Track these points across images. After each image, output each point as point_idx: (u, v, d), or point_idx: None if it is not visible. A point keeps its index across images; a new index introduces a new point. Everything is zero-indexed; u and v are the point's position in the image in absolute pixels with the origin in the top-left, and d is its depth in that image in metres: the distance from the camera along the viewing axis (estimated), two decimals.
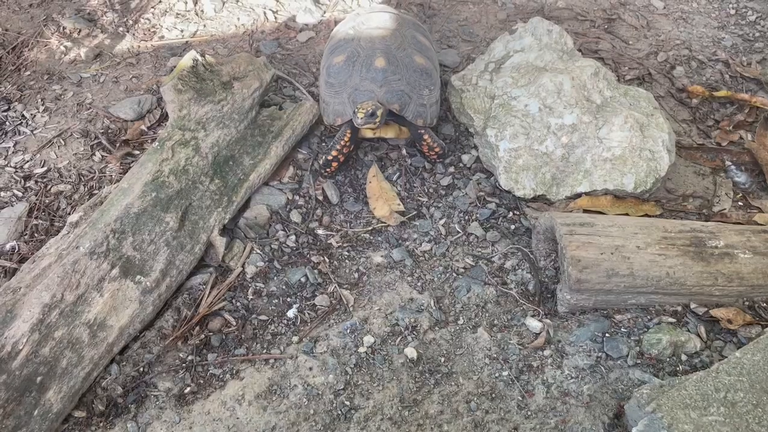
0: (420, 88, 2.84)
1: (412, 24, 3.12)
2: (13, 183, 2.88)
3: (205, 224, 2.58)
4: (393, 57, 2.84)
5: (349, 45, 2.94)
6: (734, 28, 3.77)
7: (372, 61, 2.83)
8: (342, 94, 2.84)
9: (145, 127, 3.10)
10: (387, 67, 2.80)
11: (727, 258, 2.35)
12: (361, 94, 2.78)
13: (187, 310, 2.43)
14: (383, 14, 3.10)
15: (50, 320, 2.17)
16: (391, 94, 2.77)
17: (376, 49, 2.86)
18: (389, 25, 3.01)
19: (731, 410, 1.87)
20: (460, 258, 2.63)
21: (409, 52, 2.89)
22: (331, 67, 2.91)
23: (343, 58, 2.89)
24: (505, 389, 2.22)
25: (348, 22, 3.14)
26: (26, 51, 3.52)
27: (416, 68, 2.86)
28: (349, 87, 2.83)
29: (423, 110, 2.83)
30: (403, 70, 2.83)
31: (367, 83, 2.80)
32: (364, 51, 2.87)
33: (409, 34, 3.00)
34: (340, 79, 2.86)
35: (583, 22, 3.79)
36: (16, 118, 3.18)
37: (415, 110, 2.81)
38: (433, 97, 2.88)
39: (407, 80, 2.81)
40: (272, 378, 2.24)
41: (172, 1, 3.84)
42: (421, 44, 2.98)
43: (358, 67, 2.84)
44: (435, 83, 2.92)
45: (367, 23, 3.04)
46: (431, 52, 3.03)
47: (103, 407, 2.17)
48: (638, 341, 2.31)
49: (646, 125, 2.79)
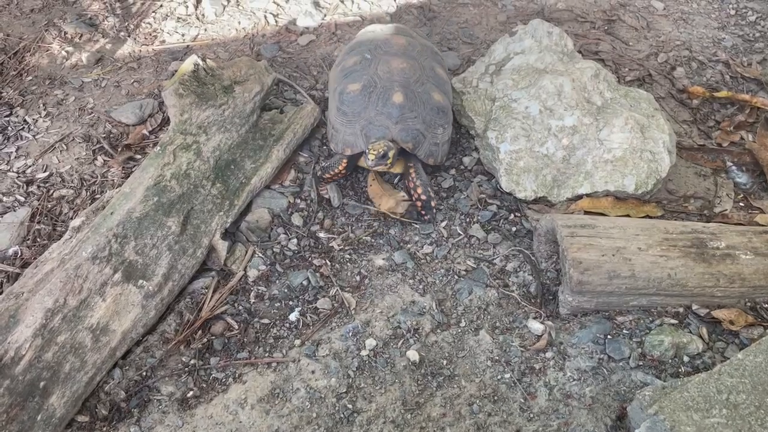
0: (435, 126, 2.75)
1: (431, 53, 3.00)
2: (16, 188, 2.89)
3: (207, 228, 2.59)
4: (411, 92, 2.74)
5: (365, 71, 2.82)
6: (734, 29, 3.77)
7: (390, 95, 2.72)
8: (355, 125, 2.75)
9: (147, 131, 3.11)
10: (405, 103, 2.71)
11: (729, 259, 2.35)
12: (375, 129, 2.70)
13: (189, 314, 2.44)
14: (402, 38, 2.96)
15: (53, 325, 2.18)
16: (406, 133, 2.69)
17: (395, 82, 2.75)
18: (409, 52, 2.90)
19: (733, 412, 1.87)
20: (462, 260, 2.63)
21: (427, 87, 2.79)
22: (345, 94, 2.80)
23: (358, 87, 2.78)
24: (508, 391, 2.22)
25: (363, 43, 3.00)
26: (28, 56, 3.53)
27: (433, 106, 2.76)
28: (363, 119, 2.73)
29: (435, 149, 2.77)
30: (420, 107, 2.73)
31: (383, 118, 2.71)
32: (382, 82, 2.77)
33: (428, 65, 2.89)
34: (354, 108, 2.76)
35: (583, 24, 3.79)
36: (18, 123, 3.19)
37: (428, 149, 2.74)
38: (446, 135, 2.82)
39: (423, 118, 2.73)
40: (275, 381, 2.24)
41: (173, 6, 3.86)
42: (440, 78, 2.88)
43: (374, 99, 2.74)
44: (449, 121, 2.84)
45: (385, 47, 2.91)
46: (448, 85, 2.94)
47: (107, 412, 2.18)
48: (640, 343, 2.31)
49: (646, 126, 2.79)
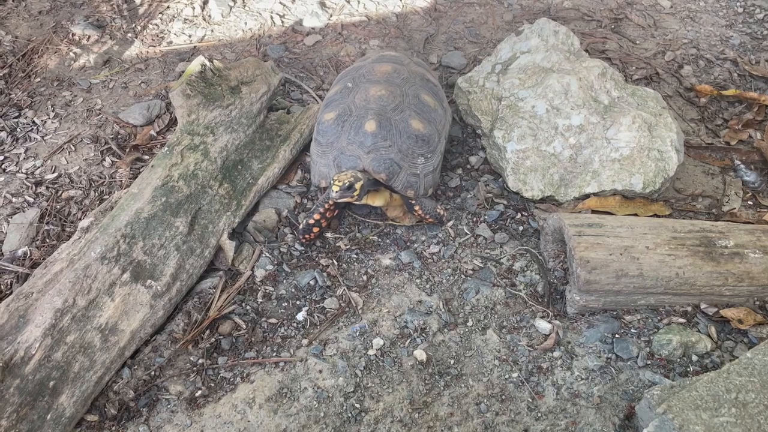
0: (413, 156, 2.60)
1: (419, 79, 2.83)
2: (25, 189, 2.91)
3: (215, 228, 2.60)
4: (386, 120, 2.60)
5: (343, 100, 2.72)
6: (742, 27, 3.76)
7: (362, 123, 2.59)
8: (328, 155, 2.64)
9: (155, 132, 3.13)
10: (377, 131, 2.57)
11: (737, 258, 2.34)
12: (346, 159, 2.57)
13: (197, 314, 2.45)
14: (387, 66, 2.82)
15: (62, 325, 2.19)
16: (379, 162, 2.54)
17: (369, 110, 2.62)
18: (392, 79, 2.76)
19: (742, 411, 1.86)
20: (469, 260, 2.63)
21: (406, 114, 2.64)
22: (321, 124, 2.71)
23: (333, 116, 2.67)
24: (515, 391, 2.22)
25: (350, 71, 2.92)
26: (36, 58, 3.55)
27: (411, 134, 2.60)
28: (335, 149, 2.62)
29: (415, 180, 2.60)
30: (395, 135, 2.59)
31: (354, 147, 2.58)
32: (357, 110, 2.65)
33: (412, 92, 2.73)
34: (327, 138, 2.66)
35: (590, 23, 3.78)
36: (27, 125, 3.21)
37: (406, 180, 2.58)
38: (429, 165, 2.65)
39: (399, 147, 2.58)
40: (282, 381, 2.25)
41: (180, 7, 3.87)
42: (423, 105, 2.71)
43: (347, 128, 2.62)
44: (433, 150, 2.67)
45: (368, 75, 2.79)
46: (435, 113, 2.75)
47: (116, 411, 2.19)
48: (648, 342, 2.30)
49: (654, 125, 2.79)
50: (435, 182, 2.72)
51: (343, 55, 3.57)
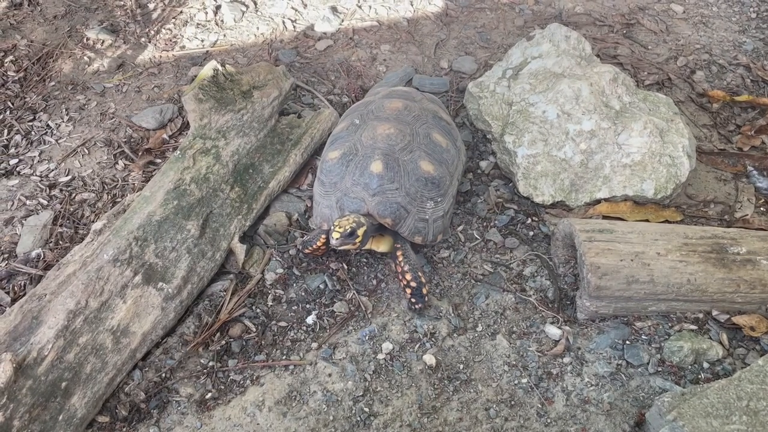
0: (422, 200, 2.46)
1: (431, 117, 2.69)
2: (39, 191, 2.94)
3: (226, 231, 2.61)
4: (394, 161, 2.46)
5: (349, 138, 2.58)
6: (755, 32, 3.73)
7: (368, 163, 2.45)
8: (331, 196, 2.51)
9: (167, 135, 3.15)
10: (384, 173, 2.43)
11: (750, 264, 2.32)
12: (350, 202, 2.44)
13: (208, 317, 2.46)
14: (398, 102, 2.69)
15: (75, 326, 2.21)
16: (384, 206, 2.40)
17: (377, 149, 2.48)
18: (402, 117, 2.61)
19: (754, 419, 1.85)
20: (479, 265, 2.63)
21: (416, 155, 2.49)
22: (325, 162, 2.58)
23: (338, 155, 2.54)
24: (525, 396, 2.21)
25: (359, 107, 2.80)
26: (51, 62, 3.59)
27: (421, 176, 2.46)
28: (339, 190, 2.48)
29: (423, 226, 2.46)
30: (403, 177, 2.44)
31: (359, 189, 2.44)
32: (363, 149, 2.51)
33: (423, 131, 2.59)
34: (331, 178, 2.52)
35: (602, 28, 3.77)
36: (42, 128, 3.25)
37: (413, 226, 2.44)
38: (438, 210, 2.51)
39: (407, 190, 2.43)
40: (292, 384, 2.25)
41: (193, 12, 3.90)
42: (435, 145, 2.57)
43: (352, 168, 2.48)
44: (444, 193, 2.53)
45: (377, 112, 2.65)
46: (447, 153, 2.60)
47: (126, 412, 2.20)
48: (659, 349, 2.29)
49: (665, 131, 2.77)
50: (445, 228, 2.58)
51: (355, 60, 3.58)
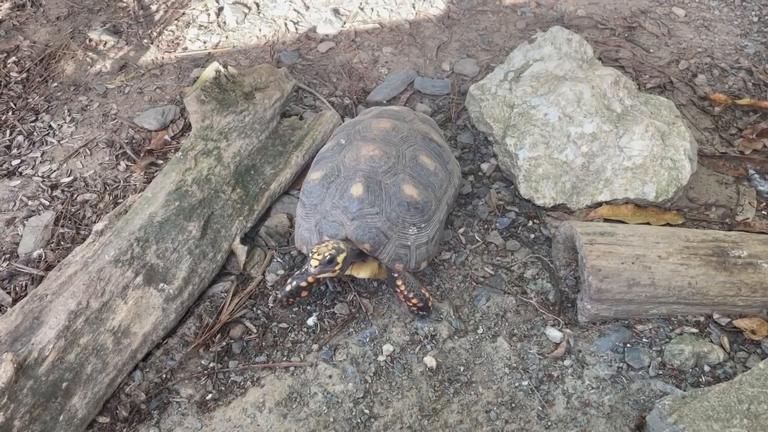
0: (404, 225, 2.35)
1: (421, 139, 2.58)
2: (41, 192, 2.95)
3: (227, 233, 2.62)
4: (376, 184, 2.36)
5: (333, 158, 2.50)
6: (757, 36, 3.73)
7: (349, 186, 2.36)
8: (311, 219, 2.42)
9: (169, 137, 3.16)
10: (364, 196, 2.32)
11: (751, 268, 2.32)
12: (329, 225, 2.35)
13: (208, 318, 2.46)
14: (387, 122, 2.58)
15: (76, 327, 2.21)
16: (363, 231, 2.30)
17: (359, 171, 2.38)
18: (389, 138, 2.51)
19: (755, 422, 1.85)
20: (480, 267, 2.63)
21: (399, 178, 2.39)
22: (307, 183, 2.51)
23: (320, 176, 2.45)
24: (525, 399, 2.21)
25: (347, 126, 2.71)
26: (53, 63, 3.60)
27: (403, 201, 2.35)
28: (318, 213, 2.40)
29: (405, 253, 2.35)
30: (385, 201, 2.34)
31: (338, 213, 2.35)
32: (345, 170, 2.41)
33: (410, 153, 2.48)
34: (312, 200, 2.44)
35: (603, 31, 3.78)
36: (44, 129, 3.25)
37: (394, 252, 2.33)
38: (422, 236, 2.39)
39: (388, 215, 2.33)
40: (292, 385, 2.25)
41: (195, 13, 3.91)
42: (421, 168, 2.46)
43: (332, 190, 2.39)
44: (428, 219, 2.42)
45: (364, 132, 2.56)
46: (435, 177, 2.49)
47: (127, 413, 2.20)
48: (660, 352, 2.29)
49: (667, 134, 2.77)
50: (430, 255, 2.45)
51: (356, 62, 3.59)
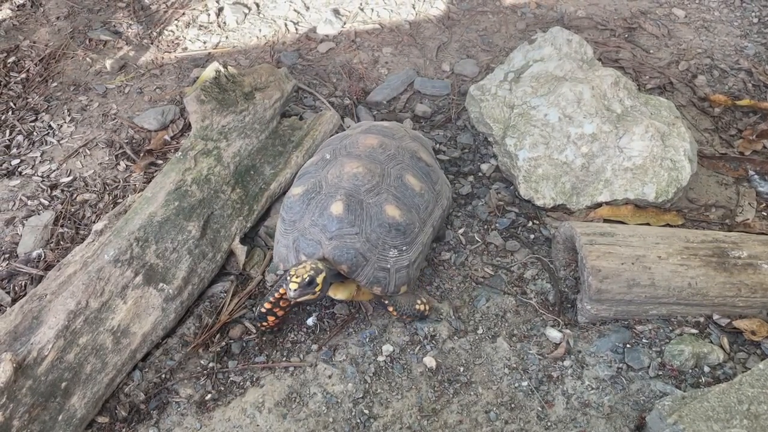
0: (384, 248, 2.26)
1: (408, 157, 2.49)
2: (40, 192, 2.94)
3: (227, 233, 2.62)
4: (357, 203, 2.27)
5: (316, 174, 2.42)
6: (757, 37, 3.74)
7: (329, 203, 2.27)
8: (289, 236, 2.33)
9: (169, 137, 3.15)
10: (344, 215, 2.24)
11: (751, 269, 2.32)
12: (306, 244, 2.26)
13: (208, 318, 2.46)
14: (373, 138, 2.49)
15: (75, 327, 2.21)
16: (341, 252, 2.21)
17: (340, 189, 2.30)
18: (374, 155, 2.43)
19: (754, 423, 1.85)
20: (480, 267, 2.62)
21: (382, 198, 2.30)
22: (287, 198, 2.43)
23: (301, 191, 2.37)
24: (525, 399, 2.21)
25: (333, 141, 2.63)
26: (53, 63, 3.60)
27: (384, 222, 2.26)
28: (297, 230, 2.31)
29: (383, 276, 2.26)
30: (365, 222, 2.25)
31: (316, 231, 2.26)
32: (327, 187, 2.33)
33: (395, 172, 2.39)
34: (291, 216, 2.35)
35: (603, 32, 3.78)
36: (44, 129, 3.25)
37: (372, 275, 2.24)
38: (403, 259, 2.30)
39: (368, 236, 2.24)
40: (292, 386, 2.25)
41: (195, 14, 3.91)
42: (406, 188, 2.37)
43: (312, 207, 2.30)
44: (410, 242, 2.32)
45: (350, 147, 2.47)
46: (420, 198, 2.40)
47: (126, 413, 2.20)
48: (660, 352, 2.29)
49: (667, 134, 2.77)
50: (410, 278, 2.35)
51: (356, 63, 3.59)
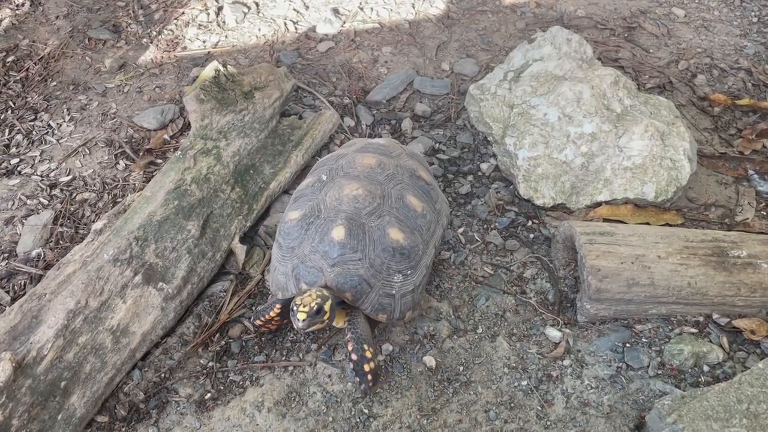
0: (389, 273, 2.17)
1: (408, 176, 2.39)
2: (39, 191, 2.94)
3: (226, 232, 2.61)
4: (359, 227, 2.18)
5: (313, 196, 2.31)
6: (757, 36, 3.74)
7: (329, 228, 2.17)
8: (288, 263, 2.23)
9: (168, 136, 3.15)
10: (346, 240, 2.14)
11: (750, 268, 2.32)
12: (307, 272, 2.16)
13: (207, 317, 2.46)
14: (371, 158, 2.39)
15: (74, 326, 2.21)
16: (344, 279, 2.12)
17: (341, 212, 2.20)
18: (373, 175, 2.33)
19: (754, 422, 1.85)
20: (479, 267, 2.62)
21: (385, 221, 2.21)
22: (284, 223, 2.30)
23: (298, 216, 2.26)
24: (524, 399, 2.21)
25: (329, 160, 2.52)
26: (53, 62, 3.59)
27: (388, 246, 2.17)
28: (296, 257, 2.21)
29: (389, 302, 2.18)
30: (368, 246, 2.16)
31: (317, 258, 2.16)
32: (326, 211, 2.22)
33: (396, 193, 2.30)
34: (289, 242, 2.24)
35: (603, 31, 3.78)
36: (43, 128, 3.25)
37: (377, 302, 2.16)
38: (408, 284, 2.22)
39: (371, 261, 2.15)
40: (291, 385, 2.25)
41: (195, 13, 3.91)
42: (408, 209, 2.28)
43: (311, 232, 2.20)
44: (415, 265, 2.23)
45: (347, 167, 2.37)
46: (423, 218, 2.31)
47: (126, 412, 2.20)
48: (659, 352, 2.29)
49: (667, 134, 2.78)
50: (416, 303, 2.28)
51: (356, 62, 3.59)
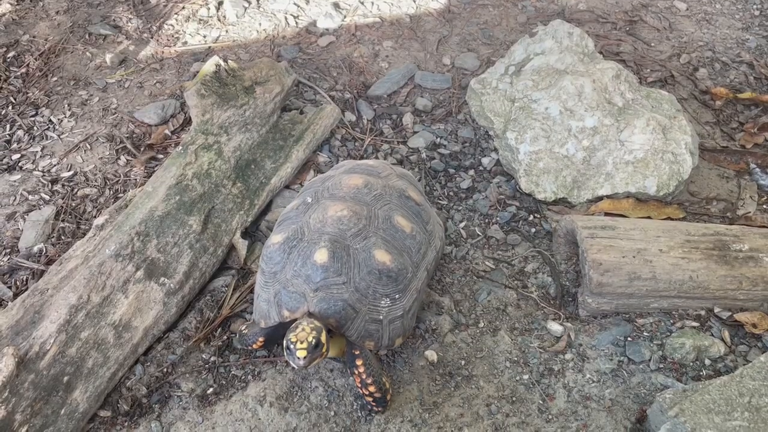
0: (376, 297, 2.06)
1: (396, 197, 2.29)
2: (41, 186, 2.94)
3: (228, 227, 2.62)
4: (343, 249, 2.07)
5: (297, 219, 2.21)
6: (758, 29, 3.72)
7: (312, 251, 2.06)
8: (270, 289, 2.13)
9: (169, 131, 3.15)
10: (329, 263, 2.03)
11: (752, 262, 2.32)
12: (288, 297, 2.04)
13: (209, 312, 2.46)
14: (358, 178, 2.29)
15: (77, 321, 2.21)
16: (327, 304, 2.00)
17: (324, 235, 2.09)
18: (359, 196, 2.23)
19: (755, 415, 1.85)
20: (481, 261, 2.63)
21: (370, 242, 2.10)
22: (267, 248, 2.20)
23: (281, 239, 2.16)
24: (526, 393, 2.21)
25: (315, 182, 2.42)
26: (53, 57, 3.59)
27: (374, 268, 2.06)
28: (278, 282, 2.10)
29: (376, 329, 2.06)
30: (353, 269, 2.05)
31: (299, 282, 2.05)
32: (310, 233, 2.12)
33: (383, 213, 2.19)
34: (272, 267, 2.14)
35: (605, 25, 3.77)
36: (44, 123, 3.25)
37: (363, 328, 2.04)
38: (396, 309, 2.10)
39: (356, 285, 2.04)
40: (293, 379, 2.25)
41: (195, 7, 3.90)
42: (396, 230, 2.17)
43: (294, 256, 2.09)
44: (404, 289, 2.12)
45: (333, 189, 2.27)
46: (412, 240, 2.20)
47: (128, 407, 2.21)
48: (661, 345, 2.29)
49: (668, 128, 2.77)
50: (405, 330, 2.16)
51: (357, 56, 3.58)
